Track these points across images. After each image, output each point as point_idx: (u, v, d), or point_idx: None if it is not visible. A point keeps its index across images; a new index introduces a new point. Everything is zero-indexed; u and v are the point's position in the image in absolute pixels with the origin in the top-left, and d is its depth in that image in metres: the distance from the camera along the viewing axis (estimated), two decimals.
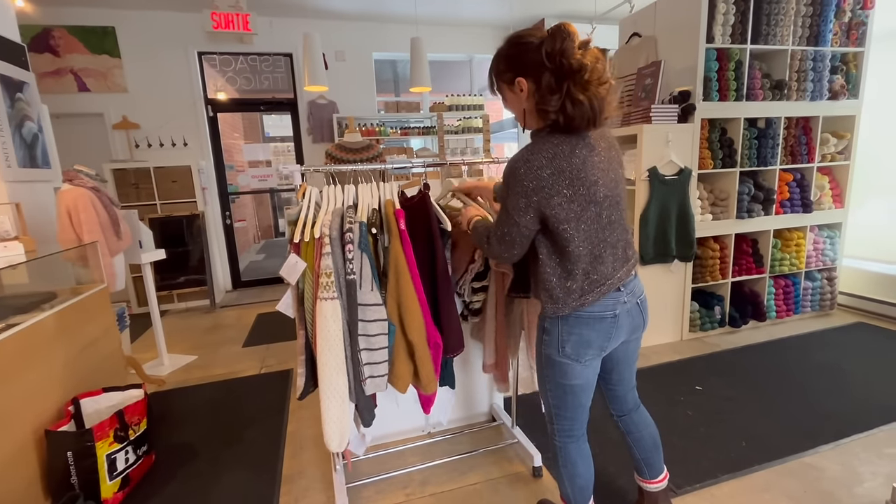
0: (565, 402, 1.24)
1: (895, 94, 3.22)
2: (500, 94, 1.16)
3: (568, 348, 1.16)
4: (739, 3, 2.76)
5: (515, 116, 1.18)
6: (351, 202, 1.50)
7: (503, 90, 1.14)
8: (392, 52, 5.21)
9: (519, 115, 1.15)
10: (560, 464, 1.31)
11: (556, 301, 1.13)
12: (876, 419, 2.03)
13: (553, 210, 1.05)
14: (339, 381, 1.37)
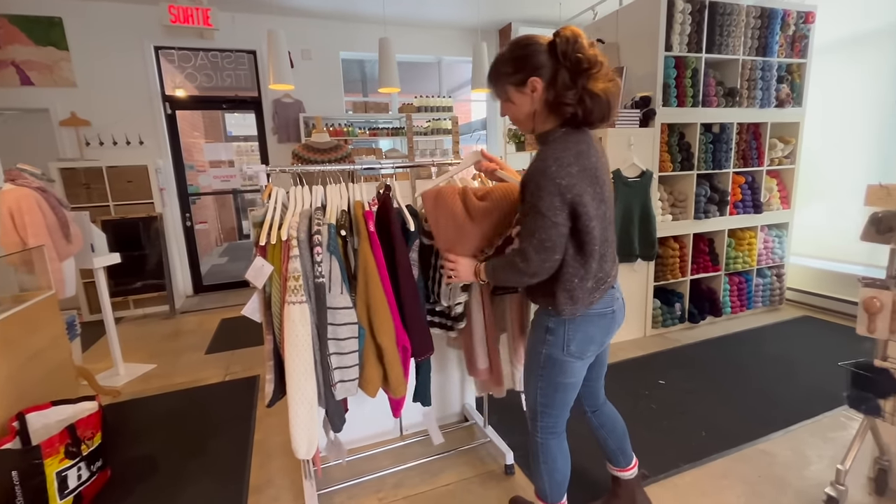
0: (554, 400, 1.27)
1: (834, 103, 3.46)
2: (505, 98, 1.13)
3: (573, 347, 1.19)
4: (695, 14, 2.89)
5: (516, 121, 1.16)
6: (319, 203, 1.48)
7: (510, 93, 1.11)
8: (360, 52, 5.16)
9: (526, 117, 1.13)
10: (541, 460, 1.33)
11: (576, 301, 1.14)
12: (821, 406, 2.17)
13: (585, 207, 1.06)
14: (308, 386, 1.35)
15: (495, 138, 5.95)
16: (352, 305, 1.36)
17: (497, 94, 1.15)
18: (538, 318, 1.25)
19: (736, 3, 3.01)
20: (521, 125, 1.16)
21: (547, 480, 1.33)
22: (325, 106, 4.84)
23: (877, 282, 1.40)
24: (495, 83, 1.14)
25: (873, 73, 3.23)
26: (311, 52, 4.82)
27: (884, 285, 1.39)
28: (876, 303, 1.39)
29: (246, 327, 3.56)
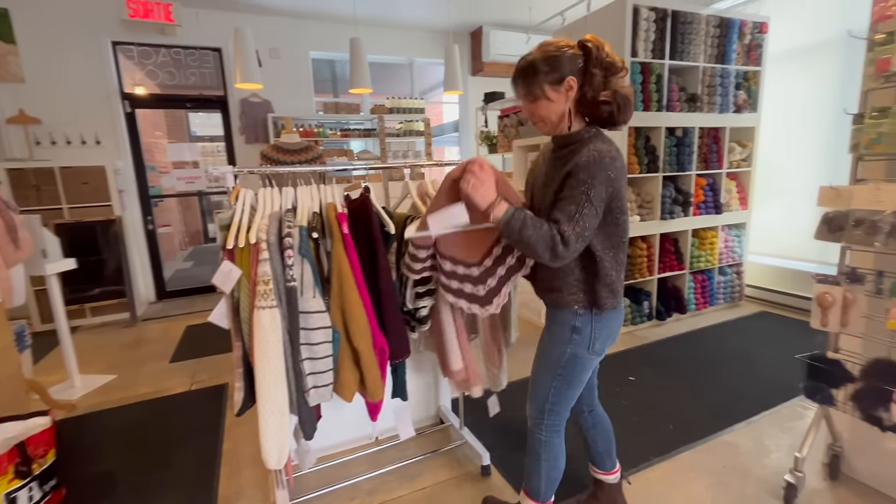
0: (566, 398, 1.30)
1: (786, 109, 3.65)
2: (540, 96, 1.13)
3: (598, 344, 1.23)
4: (659, 22, 3.00)
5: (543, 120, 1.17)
6: (289, 205, 1.44)
7: (546, 92, 1.12)
8: (330, 52, 5.09)
9: (559, 116, 1.15)
10: (542, 458, 1.34)
11: (616, 294, 1.20)
12: (779, 397, 2.28)
13: (620, 202, 1.13)
14: (279, 393, 1.31)
15: (468, 141, 5.98)
16: (325, 309, 1.33)
17: (529, 92, 1.15)
18: (560, 317, 1.24)
19: (696, 12, 3.13)
20: (548, 125, 1.17)
21: (544, 479, 1.35)
22: (294, 106, 4.75)
23: (829, 278, 1.49)
24: (530, 82, 1.14)
25: (822, 82, 3.43)
26: (279, 51, 4.72)
27: (835, 281, 1.47)
28: (828, 298, 1.47)
29: (213, 334, 3.44)
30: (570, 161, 1.12)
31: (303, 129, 4.55)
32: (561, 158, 1.18)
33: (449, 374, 1.62)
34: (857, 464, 1.68)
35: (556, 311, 1.25)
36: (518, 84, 1.17)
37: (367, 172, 4.32)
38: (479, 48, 5.47)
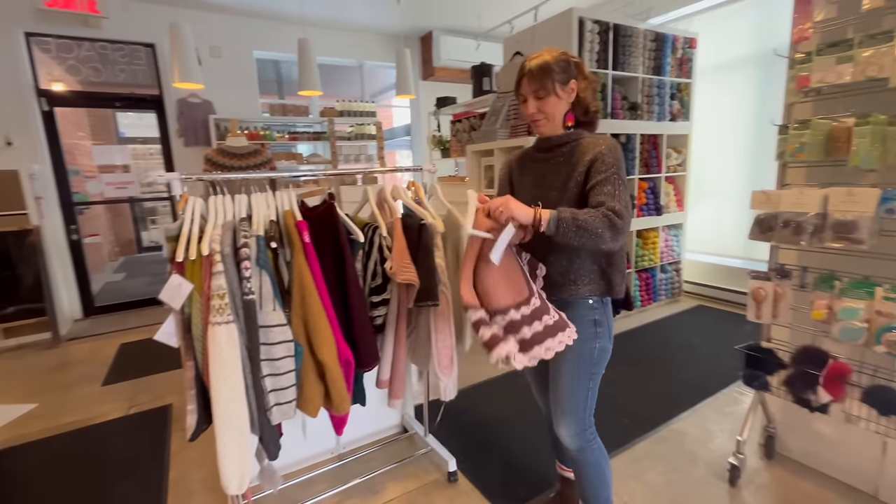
0: (596, 396, 1.30)
1: (714, 118, 3.97)
2: (552, 92, 1.20)
3: (612, 331, 1.30)
4: (602, 35, 3.15)
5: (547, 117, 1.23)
6: (244, 214, 1.36)
7: (556, 90, 1.20)
8: (275, 52, 4.90)
9: (561, 113, 1.24)
10: (604, 465, 1.31)
11: (624, 278, 1.28)
12: (718, 384, 2.46)
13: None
14: (238, 413, 1.23)
15: (420, 145, 5.98)
16: (286, 322, 1.27)
17: (542, 87, 1.20)
18: (577, 314, 1.22)
19: (635, 26, 3.33)
20: (551, 122, 1.24)
21: (606, 483, 1.32)
22: (238, 107, 4.52)
23: (761, 274, 1.63)
24: (545, 78, 1.19)
25: (745, 94, 3.76)
26: (220, 49, 4.48)
27: (767, 277, 1.61)
28: (762, 292, 1.61)
29: (154, 350, 3.19)
30: (575, 155, 1.21)
31: (248, 131, 4.34)
32: (562, 156, 1.25)
33: (376, 381, 1.59)
34: (789, 443, 1.85)
35: (568, 306, 1.23)
36: (531, 80, 1.21)
37: (321, 177, 4.19)
38: (429, 53, 5.49)
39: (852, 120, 1.35)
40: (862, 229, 1.31)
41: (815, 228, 1.40)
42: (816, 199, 1.40)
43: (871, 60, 1.29)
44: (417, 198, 1.64)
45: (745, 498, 1.66)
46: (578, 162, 1.20)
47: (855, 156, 1.34)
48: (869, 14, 1.34)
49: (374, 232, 1.45)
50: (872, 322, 1.34)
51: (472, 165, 3.51)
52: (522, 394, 2.44)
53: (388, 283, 1.46)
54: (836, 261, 1.52)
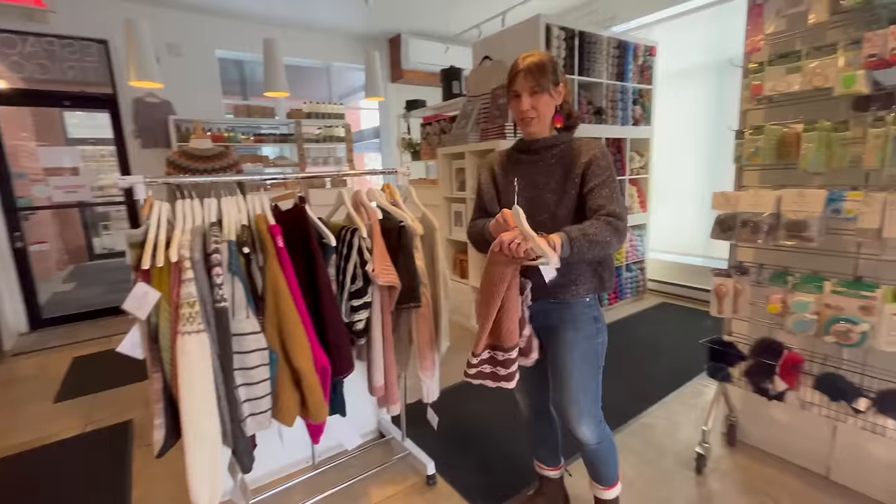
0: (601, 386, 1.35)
1: (674, 123, 4.15)
2: (546, 90, 1.22)
3: (605, 324, 1.33)
4: (568, 41, 3.24)
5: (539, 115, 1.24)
6: (214, 218, 1.32)
7: (550, 91, 1.23)
8: (239, 52, 4.76)
9: (551, 114, 1.27)
10: (614, 447, 1.40)
11: (613, 273, 1.31)
12: (683, 377, 2.57)
13: None
14: (210, 426, 1.18)
15: (389, 147, 5.95)
16: (260, 330, 1.23)
17: (538, 84, 1.21)
18: (576, 313, 1.27)
19: (599, 34, 3.45)
20: (541, 121, 1.25)
21: (615, 461, 1.41)
22: (200, 108, 4.35)
23: (723, 272, 1.71)
24: (542, 75, 1.21)
25: (702, 100, 3.95)
26: (180, 47, 4.31)
27: (727, 274, 1.70)
28: (723, 289, 1.70)
29: (112, 364, 3.02)
30: (569, 158, 1.24)
31: (211, 132, 4.19)
32: (553, 158, 1.26)
33: (370, 389, 1.59)
34: (749, 430, 1.95)
35: (569, 307, 1.27)
36: (527, 76, 1.21)
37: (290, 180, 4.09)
38: (397, 55, 5.48)
39: (801, 126, 1.44)
40: (811, 228, 1.41)
41: (770, 227, 1.49)
42: (771, 200, 1.49)
43: (817, 71, 1.39)
44: (393, 200, 1.63)
45: (710, 485, 1.74)
46: (574, 164, 1.22)
47: (804, 160, 1.43)
48: (814, 28, 1.45)
49: (353, 234, 1.44)
50: (822, 314, 1.43)
51: (444, 168, 3.53)
52: (497, 394, 2.47)
53: (368, 286, 1.44)
54: (789, 258, 1.62)
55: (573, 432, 1.31)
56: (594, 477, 1.44)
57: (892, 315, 1.30)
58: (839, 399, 1.48)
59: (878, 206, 1.29)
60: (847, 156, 1.36)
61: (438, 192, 3.61)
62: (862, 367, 1.48)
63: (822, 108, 1.46)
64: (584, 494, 1.67)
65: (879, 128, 1.27)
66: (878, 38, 1.25)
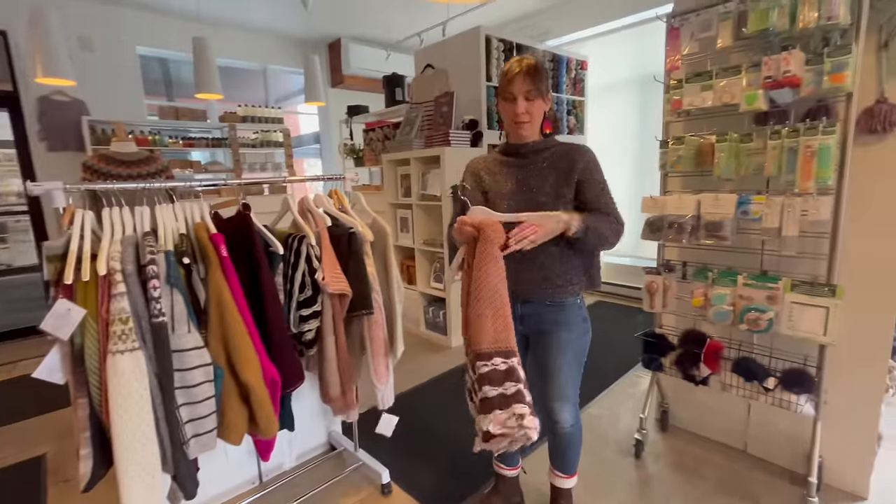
0: None
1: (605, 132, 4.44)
2: (542, 95, 1.26)
3: None
4: (507, 53, 3.38)
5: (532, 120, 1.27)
6: (147, 227, 1.23)
7: (543, 97, 1.26)
8: (163, 49, 4.45)
9: (541, 119, 1.30)
10: (581, 439, 1.44)
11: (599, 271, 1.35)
12: (621, 370, 2.75)
13: None
14: (146, 452, 1.10)
15: (330, 153, 5.83)
16: (203, 344, 1.16)
17: (535, 88, 1.23)
18: (568, 312, 1.33)
19: (535, 47, 3.62)
20: (533, 125, 1.28)
21: (580, 451, 1.47)
22: (119, 109, 4.01)
23: (653, 270, 1.86)
24: (540, 80, 1.23)
25: (630, 111, 4.27)
26: (92, 40, 3.95)
27: (657, 272, 1.85)
28: (654, 285, 1.85)
29: (15, 393, 2.67)
30: (562, 161, 1.28)
31: (133, 135, 3.87)
32: (544, 161, 1.29)
33: (327, 399, 1.56)
34: (680, 415, 2.13)
35: (563, 309, 1.32)
36: (526, 79, 1.22)
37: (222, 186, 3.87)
38: (338, 60, 5.39)
39: (714, 137, 1.61)
40: (726, 228, 1.58)
41: (692, 228, 1.65)
42: (692, 203, 1.65)
43: (726, 89, 1.56)
44: (342, 206, 1.61)
45: (648, 468, 1.88)
46: (569, 169, 1.26)
47: (717, 167, 1.61)
48: (722, 51, 1.63)
49: (301, 242, 1.40)
50: (737, 305, 1.61)
51: (389, 174, 3.52)
52: (448, 397, 2.49)
53: (318, 294, 1.41)
54: (709, 255, 1.80)
55: (554, 417, 1.36)
56: (559, 465, 1.50)
57: (791, 303, 1.49)
58: (752, 380, 1.66)
59: (777, 208, 1.47)
60: (752, 164, 1.54)
61: (384, 198, 3.59)
62: (770, 350, 1.67)
63: (731, 121, 1.65)
64: (539, 488, 1.74)
65: (776, 140, 1.46)
66: (773, 62, 1.43)
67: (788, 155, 1.44)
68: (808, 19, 1.36)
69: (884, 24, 1.42)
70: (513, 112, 1.25)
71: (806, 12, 1.36)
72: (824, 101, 1.51)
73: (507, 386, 1.05)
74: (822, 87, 1.36)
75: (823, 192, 1.42)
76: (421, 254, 3.40)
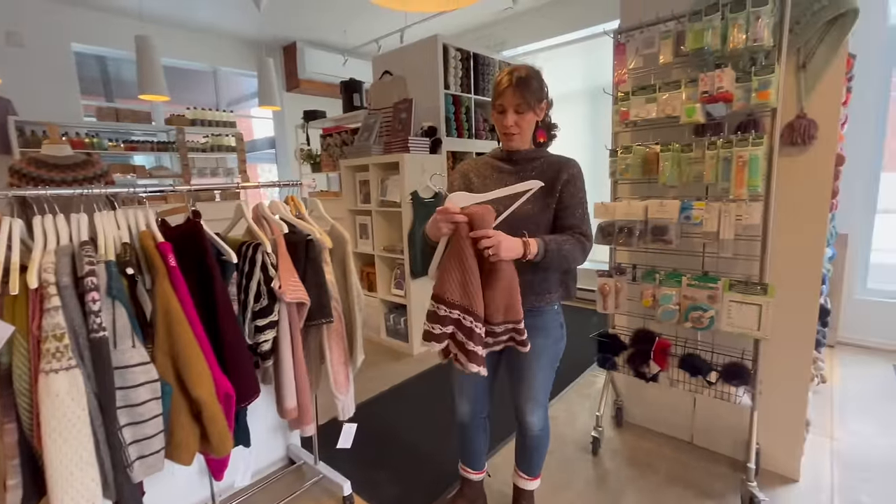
0: None
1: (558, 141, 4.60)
2: (532, 107, 1.25)
3: None
4: (464, 61, 3.44)
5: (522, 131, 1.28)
6: (85, 236, 1.15)
7: (534, 107, 1.26)
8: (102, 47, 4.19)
9: (532, 130, 1.32)
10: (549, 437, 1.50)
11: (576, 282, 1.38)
12: (577, 371, 2.84)
13: None
14: (86, 478, 1.02)
15: (286, 158, 5.68)
16: (149, 360, 1.10)
17: (524, 101, 1.23)
18: (546, 319, 1.35)
19: (491, 56, 3.71)
20: (523, 136, 1.30)
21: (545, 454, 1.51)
22: (51, 109, 3.73)
23: (605, 273, 1.95)
24: (529, 92, 1.22)
25: (582, 121, 4.45)
26: (21, 36, 3.66)
27: (609, 274, 1.94)
28: (606, 287, 1.93)
29: None
30: (549, 173, 1.29)
31: (67, 137, 3.61)
32: (534, 171, 1.30)
33: (281, 412, 1.53)
34: (633, 411, 2.23)
35: (541, 314, 1.34)
36: (515, 91, 1.21)
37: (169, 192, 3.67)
38: (293, 64, 5.28)
39: (659, 147, 1.72)
40: (671, 232, 1.68)
41: (641, 232, 1.74)
42: (640, 209, 1.74)
43: (668, 102, 1.67)
44: (298, 213, 1.57)
45: (605, 464, 1.95)
46: (555, 179, 1.28)
47: (662, 175, 1.71)
48: (664, 67, 1.74)
49: (256, 250, 1.35)
50: (682, 304, 1.71)
51: (347, 180, 3.47)
52: (409, 404, 2.48)
53: (274, 304, 1.37)
54: (656, 258, 1.91)
55: (524, 418, 1.43)
56: (524, 468, 1.54)
57: (729, 302, 1.60)
58: (697, 374, 1.76)
59: (715, 213, 1.59)
60: (693, 172, 1.65)
61: (342, 204, 3.54)
62: (712, 346, 1.79)
63: (674, 132, 1.76)
64: (503, 489, 1.76)
65: (713, 150, 1.57)
66: (708, 79, 1.55)
67: (724, 164, 1.55)
68: (737, 41, 1.48)
69: (801, 47, 1.57)
70: (502, 124, 1.27)
71: (735, 34, 1.48)
72: (753, 115, 1.64)
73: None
74: (751, 102, 1.49)
75: (755, 198, 1.54)
76: (381, 260, 3.37)
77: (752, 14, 1.45)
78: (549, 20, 4.46)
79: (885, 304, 3.00)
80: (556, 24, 4.41)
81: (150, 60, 3.14)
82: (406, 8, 1.61)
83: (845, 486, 1.75)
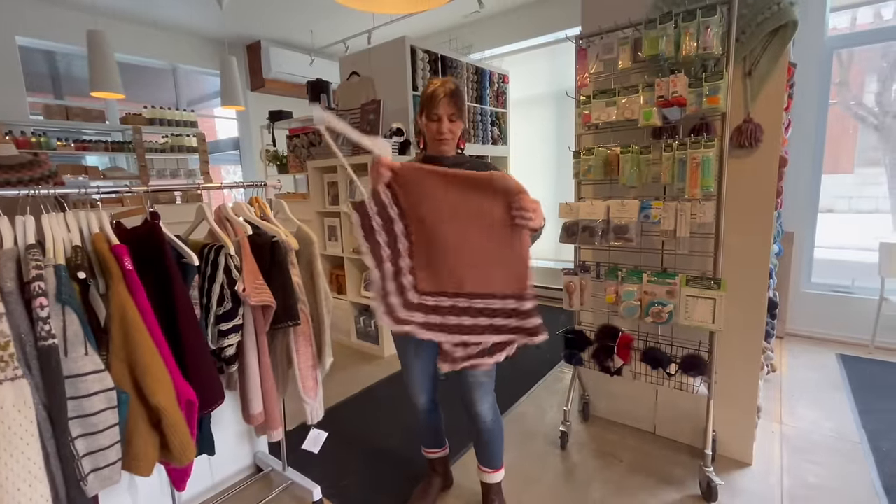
0: None
1: (525, 142, 4.69)
2: (459, 119, 1.37)
3: None
4: (432, 63, 3.46)
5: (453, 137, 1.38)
6: (32, 240, 1.09)
7: (462, 118, 1.38)
8: (51, 42, 3.97)
9: (457, 138, 1.41)
10: (503, 429, 1.57)
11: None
12: (545, 368, 2.90)
13: None
14: (35, 493, 0.97)
15: (250, 159, 5.54)
16: (104, 367, 1.05)
17: (458, 110, 1.35)
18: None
19: (459, 59, 3.74)
20: (453, 140, 1.39)
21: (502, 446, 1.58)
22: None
23: (570, 271, 2.00)
24: (461, 102, 1.36)
25: (547, 123, 4.55)
26: None
27: (574, 273, 1.99)
28: (572, 285, 1.98)
29: None
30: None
31: (11, 136, 3.40)
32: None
33: (247, 418, 1.50)
34: (599, 405, 2.30)
35: None
36: (450, 102, 1.34)
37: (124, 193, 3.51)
38: (258, 63, 5.16)
39: (619, 149, 1.78)
40: (631, 231, 1.75)
41: (603, 231, 1.80)
42: (602, 208, 1.80)
43: (627, 106, 1.74)
44: (263, 214, 1.55)
45: (573, 457, 2.00)
46: None
47: (622, 176, 1.77)
48: (623, 72, 1.81)
49: (218, 253, 1.32)
50: (643, 300, 1.78)
51: (315, 182, 3.42)
52: (379, 407, 2.46)
53: (238, 307, 1.34)
54: (618, 256, 1.98)
55: (473, 409, 1.51)
56: (485, 461, 1.58)
57: (686, 296, 1.68)
58: (657, 367, 1.84)
59: (672, 212, 1.66)
60: (651, 173, 1.73)
61: (310, 206, 3.48)
62: (671, 339, 1.87)
63: (633, 135, 1.83)
64: (473, 487, 1.77)
65: (669, 152, 1.65)
66: (664, 84, 1.62)
67: (679, 165, 1.63)
68: (689, 48, 1.56)
69: (747, 56, 1.67)
70: (437, 130, 1.37)
71: (687, 42, 1.56)
72: (705, 119, 1.73)
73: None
74: (703, 107, 1.57)
75: (708, 197, 1.63)
76: (351, 262, 3.34)
77: (702, 24, 1.53)
78: (515, 25, 4.55)
79: (828, 297, 3.22)
80: (522, 29, 4.49)
81: (104, 56, 3.00)
82: (373, 9, 1.62)
83: (794, 468, 1.86)
